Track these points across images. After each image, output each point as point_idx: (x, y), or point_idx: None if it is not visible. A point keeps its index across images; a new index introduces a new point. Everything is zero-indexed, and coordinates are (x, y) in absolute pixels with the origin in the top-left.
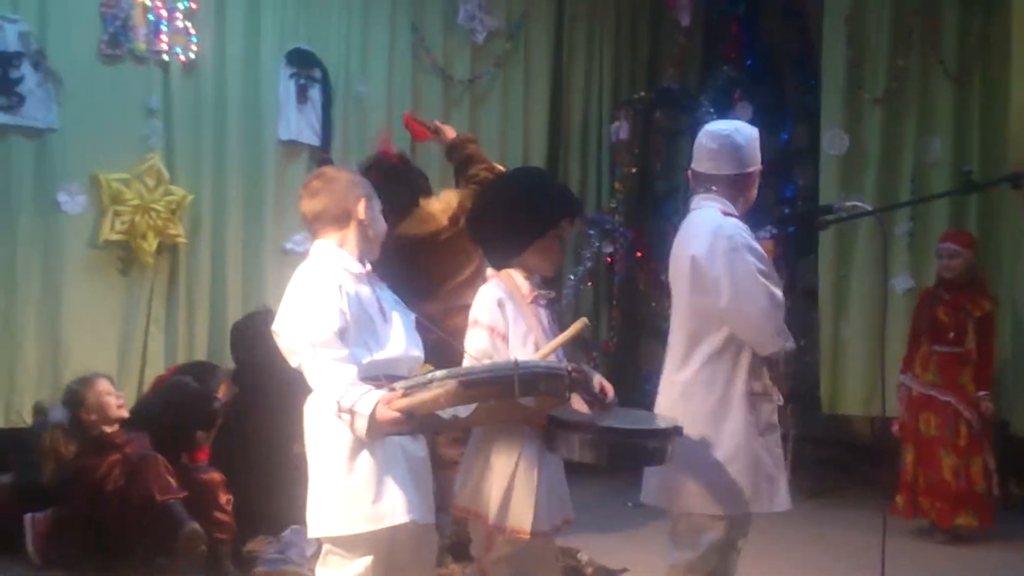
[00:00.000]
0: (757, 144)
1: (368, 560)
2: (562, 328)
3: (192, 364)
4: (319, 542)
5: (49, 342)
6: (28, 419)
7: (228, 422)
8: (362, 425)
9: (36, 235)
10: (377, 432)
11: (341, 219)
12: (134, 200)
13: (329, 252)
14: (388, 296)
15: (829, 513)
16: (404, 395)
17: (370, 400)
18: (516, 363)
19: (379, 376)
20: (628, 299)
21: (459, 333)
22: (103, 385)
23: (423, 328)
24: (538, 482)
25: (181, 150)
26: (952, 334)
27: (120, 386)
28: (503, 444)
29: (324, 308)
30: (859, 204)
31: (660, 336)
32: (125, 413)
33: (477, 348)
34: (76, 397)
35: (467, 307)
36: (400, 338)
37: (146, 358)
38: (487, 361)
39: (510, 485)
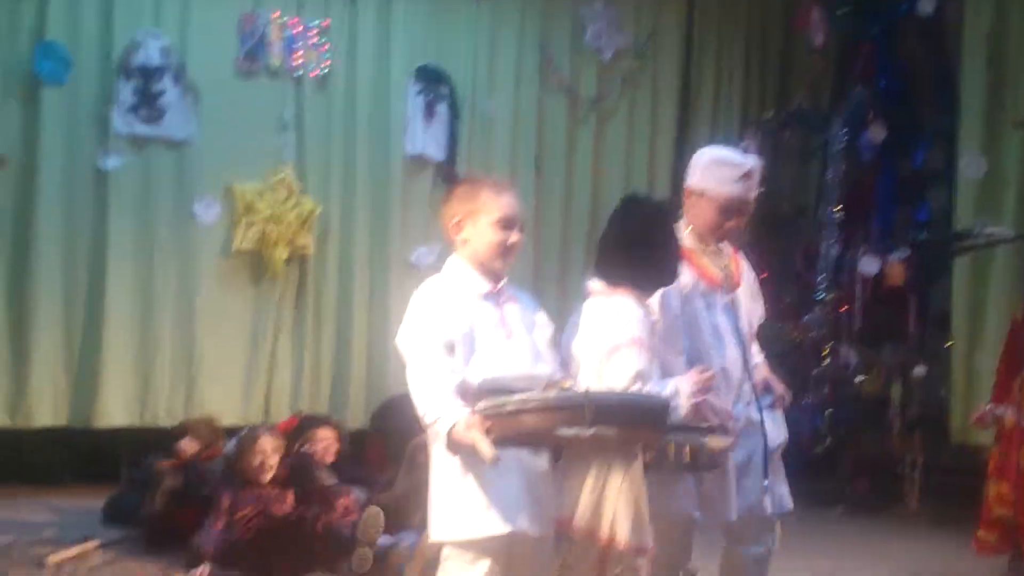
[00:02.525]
0: (702, 165)
1: (486, 566)
2: None
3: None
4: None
5: (182, 347)
6: (163, 421)
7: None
8: (442, 441)
9: (172, 243)
10: (456, 448)
11: (452, 238)
12: (266, 211)
13: (452, 268)
14: (518, 313)
15: (954, 543)
16: (484, 418)
17: (451, 417)
18: (587, 391)
19: (492, 393)
20: None
21: None
22: (259, 446)
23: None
24: (645, 498)
25: (312, 163)
26: None
27: (247, 392)
28: (616, 463)
29: (432, 321)
30: (999, 230)
31: (782, 358)
32: (266, 479)
33: (639, 368)
34: (239, 450)
35: None
36: (522, 357)
37: (274, 365)
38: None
39: (638, 505)
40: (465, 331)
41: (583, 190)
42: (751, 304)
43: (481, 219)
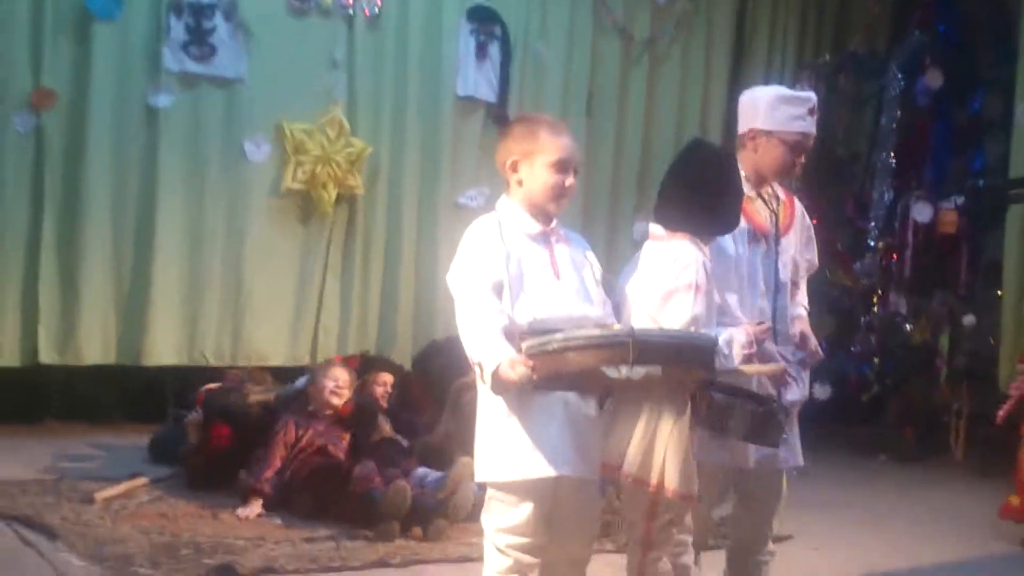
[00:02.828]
0: (764, 102)
1: (529, 508)
2: None
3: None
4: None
5: (231, 285)
6: (210, 358)
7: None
8: (487, 380)
9: (222, 182)
10: (501, 388)
11: (507, 178)
12: (316, 151)
13: (502, 208)
14: (570, 255)
15: (998, 493)
16: (530, 355)
17: (496, 357)
18: (632, 329)
19: (541, 333)
20: None
21: None
22: (333, 372)
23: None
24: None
25: (362, 103)
26: None
27: (295, 331)
28: (666, 410)
29: (481, 261)
30: None
31: (832, 304)
32: (337, 403)
33: (696, 312)
34: (312, 376)
35: None
36: (571, 298)
37: (322, 305)
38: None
39: (688, 453)
40: (514, 271)
41: (635, 133)
42: (801, 251)
43: (538, 160)
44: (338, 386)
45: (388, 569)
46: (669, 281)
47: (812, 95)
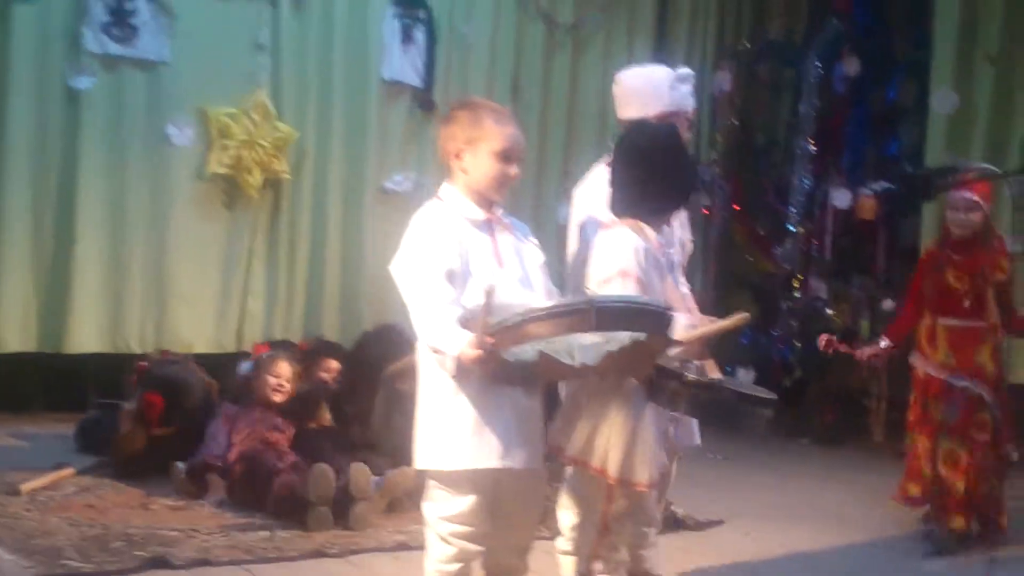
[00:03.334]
0: (665, 84)
1: (471, 499)
2: None
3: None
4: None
5: (154, 271)
6: (133, 345)
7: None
8: (450, 365)
9: (145, 166)
10: (464, 373)
11: (450, 164)
12: (241, 135)
13: (446, 195)
14: (513, 242)
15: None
16: (491, 334)
17: (458, 342)
18: (591, 297)
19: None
20: (724, 251)
21: None
22: (277, 368)
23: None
24: (654, 434)
25: (287, 87)
26: (968, 304)
27: (220, 317)
28: (615, 395)
29: (431, 250)
30: (987, 167)
31: (753, 289)
32: (279, 399)
33: None
34: (256, 368)
35: None
36: (513, 285)
37: (247, 291)
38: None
39: (632, 439)
40: (462, 259)
41: (559, 118)
42: (680, 233)
43: (482, 148)
44: (280, 383)
45: (326, 559)
46: (605, 268)
47: (690, 72)
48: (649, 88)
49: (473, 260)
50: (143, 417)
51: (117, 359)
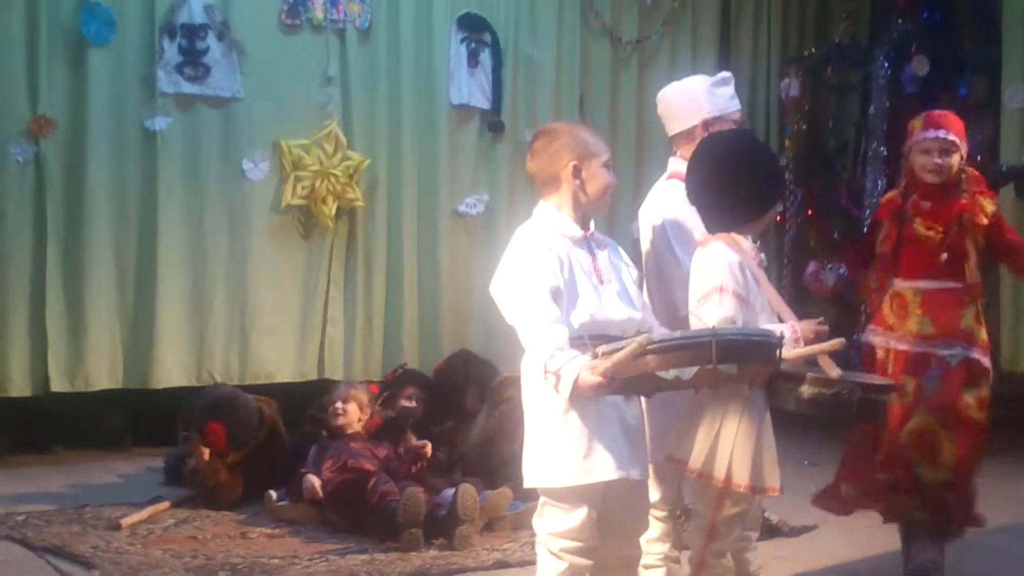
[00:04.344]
0: (702, 92)
1: (583, 512)
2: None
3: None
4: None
5: (236, 304)
6: (217, 377)
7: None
8: (566, 389)
9: (222, 201)
10: (579, 396)
11: (553, 182)
12: (314, 166)
13: (545, 215)
14: (609, 258)
15: (1008, 470)
16: (605, 359)
17: (575, 366)
18: (714, 330)
19: (589, 338)
20: (799, 257)
21: None
22: (338, 394)
23: None
24: (768, 440)
25: (357, 116)
26: (944, 259)
27: (301, 347)
28: (732, 403)
29: (536, 269)
30: None
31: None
32: (343, 423)
33: (725, 314)
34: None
35: None
36: (614, 301)
37: (327, 319)
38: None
39: (757, 445)
40: (566, 277)
41: (628, 133)
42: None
43: (594, 162)
44: (339, 408)
45: None
46: (701, 285)
47: (728, 72)
48: (686, 99)
49: (577, 277)
50: (211, 446)
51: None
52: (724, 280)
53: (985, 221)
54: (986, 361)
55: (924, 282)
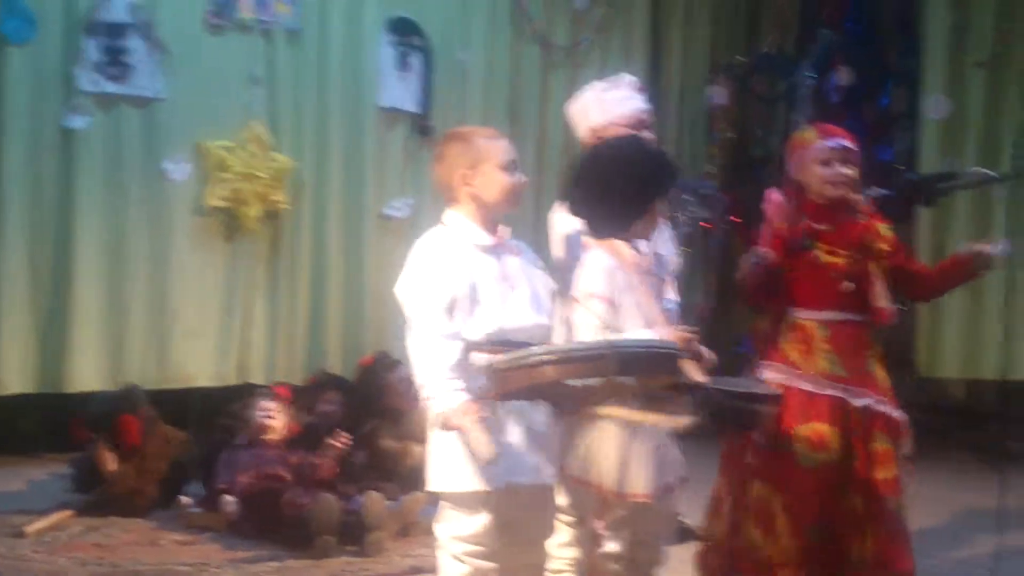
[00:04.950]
0: (591, 100)
1: (484, 517)
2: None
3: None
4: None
5: (155, 307)
6: (135, 381)
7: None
8: (433, 418)
9: (143, 203)
10: (444, 429)
11: (452, 190)
12: (238, 168)
13: (452, 222)
14: (521, 264)
15: (928, 476)
16: (506, 369)
17: (445, 403)
18: (611, 342)
19: (495, 344)
20: (724, 264)
21: None
22: (264, 403)
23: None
24: (650, 444)
25: (284, 118)
26: (848, 289)
27: (222, 351)
28: (613, 415)
29: (433, 282)
30: (984, 171)
31: None
32: (266, 438)
33: (599, 320)
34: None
35: None
36: (522, 308)
37: (249, 323)
38: (589, 339)
39: (626, 450)
40: (468, 285)
41: (556, 139)
42: (663, 249)
43: (486, 167)
44: (268, 416)
45: None
46: (579, 290)
47: (628, 75)
48: (578, 109)
49: (482, 285)
50: (125, 443)
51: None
52: (597, 286)
53: (887, 247)
54: (897, 413)
55: (828, 313)
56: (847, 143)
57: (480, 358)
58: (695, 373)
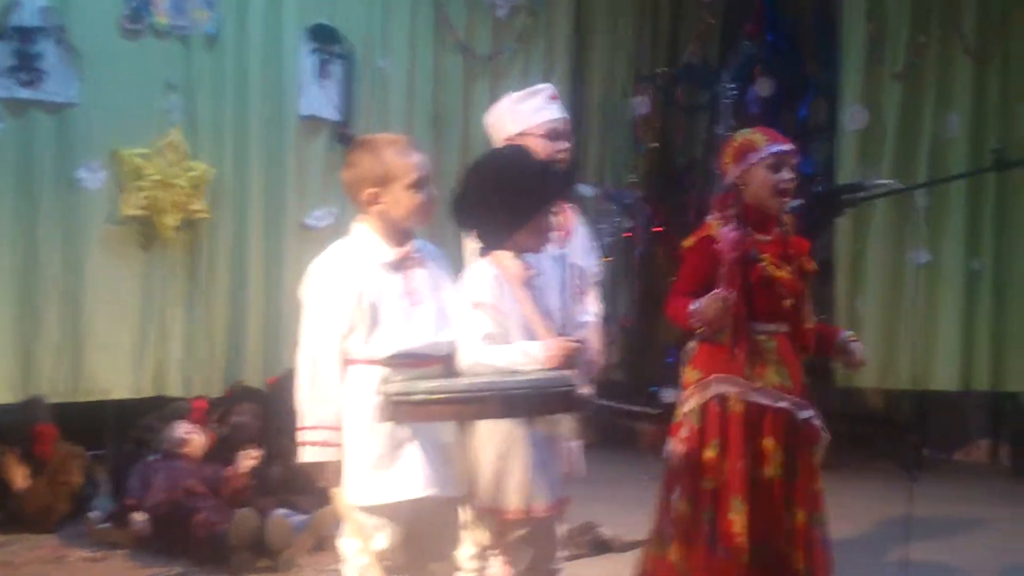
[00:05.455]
0: (505, 111)
1: (387, 531)
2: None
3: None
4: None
5: (68, 318)
6: (48, 395)
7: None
8: (300, 446)
9: (56, 211)
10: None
11: (360, 204)
12: (155, 175)
13: (358, 235)
14: (426, 276)
15: (847, 485)
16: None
17: (310, 435)
18: (493, 383)
19: (396, 359)
20: (647, 273)
21: None
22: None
23: None
24: (531, 461)
25: (202, 125)
26: (789, 302)
27: (138, 363)
28: (490, 427)
29: (330, 302)
30: (889, 182)
31: None
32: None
33: (485, 331)
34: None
35: None
36: (426, 325)
37: (166, 334)
38: (480, 370)
39: (502, 466)
40: (368, 304)
41: (479, 147)
42: (584, 258)
43: (395, 186)
44: (188, 431)
45: None
46: (465, 300)
47: (546, 85)
48: (494, 119)
49: (383, 303)
50: (43, 452)
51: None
52: (481, 295)
53: (814, 266)
54: (820, 423)
55: (775, 325)
56: (793, 148)
57: (381, 374)
58: (583, 388)
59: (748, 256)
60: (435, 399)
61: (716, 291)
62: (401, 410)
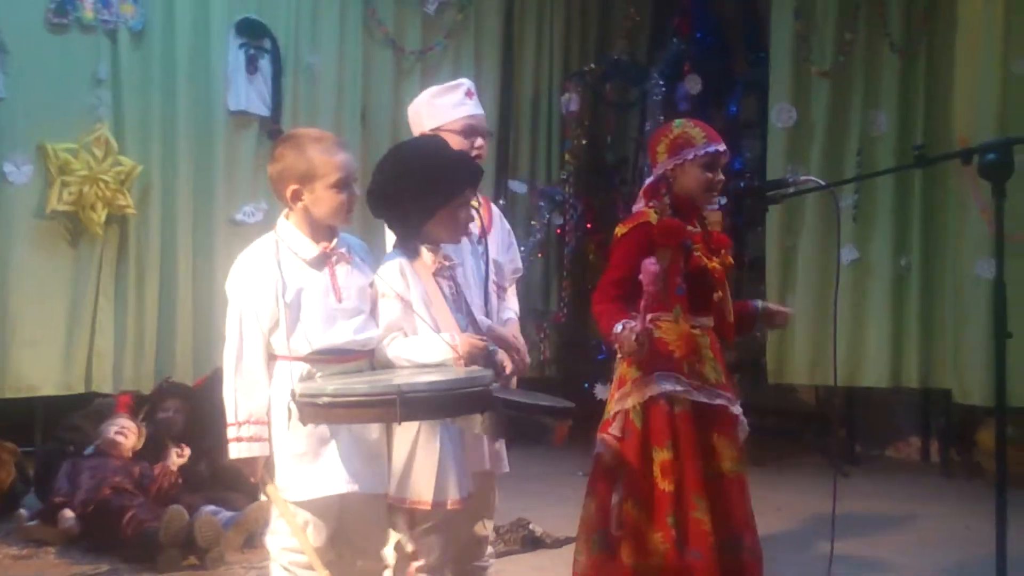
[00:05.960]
0: (423, 105)
1: (313, 527)
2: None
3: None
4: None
5: None
6: None
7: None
8: (228, 446)
9: None
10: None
11: (283, 200)
12: (82, 170)
13: (281, 231)
14: (350, 273)
15: (776, 480)
16: (301, 404)
17: (237, 433)
18: (399, 387)
19: (319, 354)
20: (578, 270)
21: None
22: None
23: None
24: (440, 453)
25: (130, 120)
26: (718, 295)
27: (67, 359)
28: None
29: (252, 299)
30: (812, 179)
31: None
32: (116, 450)
33: (390, 319)
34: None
35: None
36: (351, 320)
37: (95, 330)
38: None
39: (410, 457)
40: (290, 300)
41: None
42: (504, 254)
43: (318, 185)
44: (121, 428)
45: None
46: (375, 291)
47: (464, 80)
48: (412, 115)
49: (306, 300)
50: None
51: None
52: (387, 285)
53: (731, 261)
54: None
55: (706, 319)
56: (726, 149)
57: (303, 370)
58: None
59: (683, 243)
60: (339, 402)
61: (633, 325)
62: (308, 412)
